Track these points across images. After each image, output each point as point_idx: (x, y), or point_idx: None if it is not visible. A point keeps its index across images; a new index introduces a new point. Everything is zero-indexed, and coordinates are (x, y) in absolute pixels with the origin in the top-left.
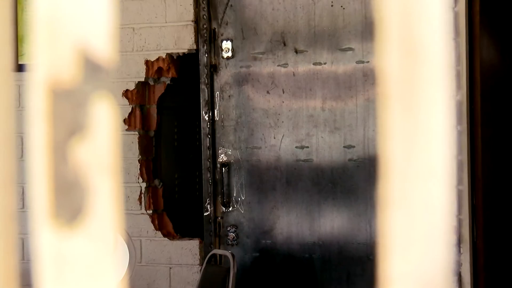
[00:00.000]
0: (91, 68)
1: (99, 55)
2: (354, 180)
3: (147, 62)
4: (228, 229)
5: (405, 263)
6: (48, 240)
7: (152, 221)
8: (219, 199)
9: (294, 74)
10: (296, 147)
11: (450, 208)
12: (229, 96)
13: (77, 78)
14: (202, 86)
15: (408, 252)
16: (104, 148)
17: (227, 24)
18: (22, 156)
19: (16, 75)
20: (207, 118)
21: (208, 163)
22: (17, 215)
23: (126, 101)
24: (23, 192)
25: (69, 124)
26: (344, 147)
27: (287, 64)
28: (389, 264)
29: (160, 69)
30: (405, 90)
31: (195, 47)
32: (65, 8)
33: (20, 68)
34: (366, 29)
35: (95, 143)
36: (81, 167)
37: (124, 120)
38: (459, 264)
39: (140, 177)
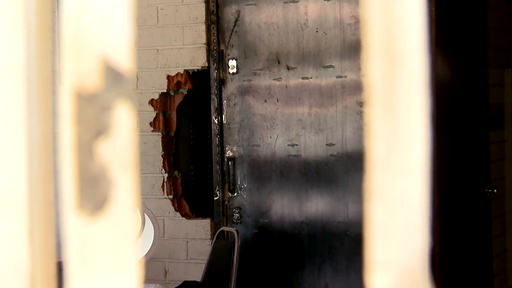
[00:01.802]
0: (112, 76)
1: (120, 65)
2: (334, 171)
3: (168, 77)
4: (233, 210)
5: (387, 249)
6: (75, 227)
7: (173, 204)
8: (226, 186)
9: (286, 87)
10: (288, 145)
11: (424, 197)
12: (234, 104)
13: (100, 84)
14: (212, 96)
15: (389, 238)
16: (125, 146)
17: (232, 46)
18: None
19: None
20: (216, 122)
21: (217, 157)
22: (57, 201)
23: (151, 108)
24: None
25: (94, 125)
26: (326, 145)
27: (280, 78)
28: (373, 250)
29: (179, 82)
30: (386, 97)
31: (207, 64)
32: (89, 24)
33: None
34: (344, 50)
35: (117, 142)
36: (104, 163)
37: (150, 123)
38: None
39: (163, 168)
